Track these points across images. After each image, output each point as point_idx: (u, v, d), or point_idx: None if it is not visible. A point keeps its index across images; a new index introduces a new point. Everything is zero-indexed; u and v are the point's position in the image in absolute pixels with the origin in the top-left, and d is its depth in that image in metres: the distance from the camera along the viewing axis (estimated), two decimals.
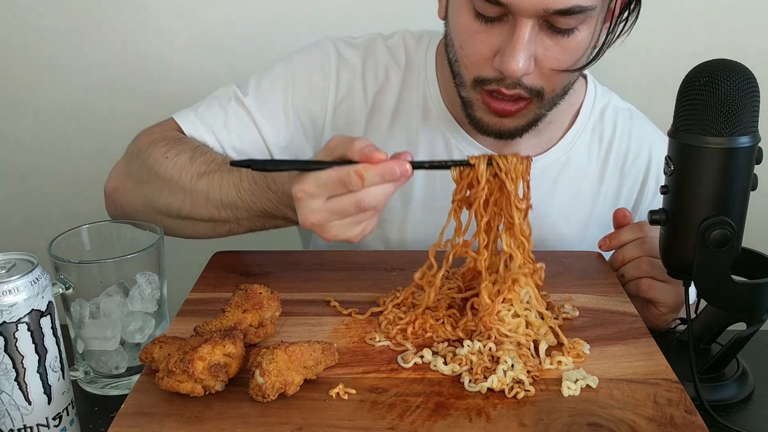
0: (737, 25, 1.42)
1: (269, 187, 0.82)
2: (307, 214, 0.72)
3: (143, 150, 0.92)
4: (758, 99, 0.68)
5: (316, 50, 1.03)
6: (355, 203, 0.70)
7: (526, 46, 0.79)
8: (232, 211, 0.85)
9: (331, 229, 0.73)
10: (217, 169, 0.86)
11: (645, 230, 0.87)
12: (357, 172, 0.69)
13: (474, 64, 0.86)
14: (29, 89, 1.52)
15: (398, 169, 0.70)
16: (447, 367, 0.68)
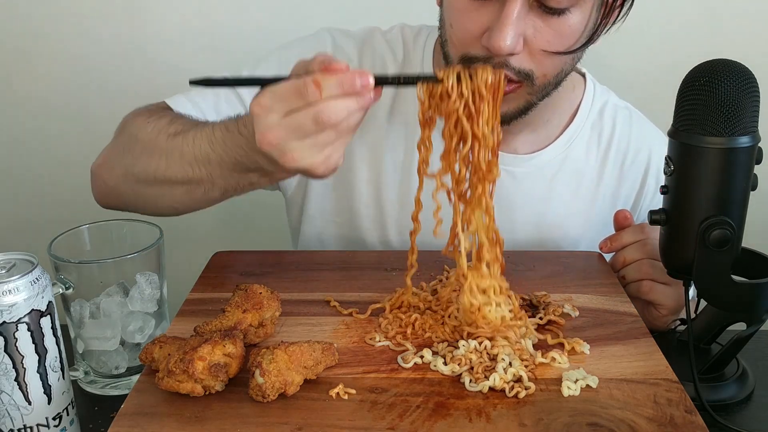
0: (737, 26, 1.42)
1: (240, 131, 0.76)
2: (264, 132, 0.67)
3: (128, 123, 0.91)
4: (758, 99, 0.68)
5: (312, 40, 1.02)
6: (312, 117, 0.65)
7: (515, 22, 0.77)
8: (206, 167, 0.80)
9: (291, 151, 0.67)
10: (193, 127, 0.83)
11: (646, 232, 0.87)
12: (314, 81, 0.65)
13: (462, 41, 0.84)
14: (29, 89, 1.52)
15: (359, 80, 0.65)
16: (447, 367, 0.68)
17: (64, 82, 1.51)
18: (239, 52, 1.45)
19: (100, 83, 1.50)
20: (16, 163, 1.57)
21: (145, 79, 1.49)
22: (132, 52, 1.48)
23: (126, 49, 1.48)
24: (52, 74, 1.50)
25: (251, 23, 1.46)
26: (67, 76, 1.50)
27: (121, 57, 1.48)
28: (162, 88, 1.47)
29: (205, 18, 1.47)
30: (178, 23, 1.47)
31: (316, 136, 0.67)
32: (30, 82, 1.51)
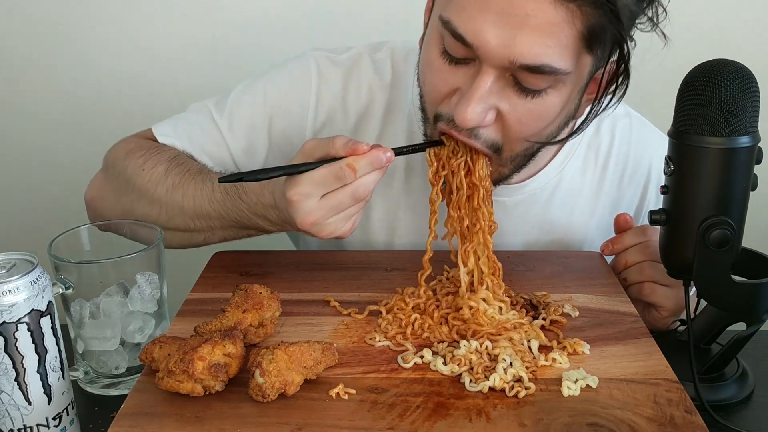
0: (737, 26, 1.42)
1: (240, 198, 0.83)
2: (306, 215, 0.74)
3: (120, 161, 0.93)
4: (758, 99, 0.68)
5: (296, 71, 0.99)
6: (350, 194, 0.74)
7: (484, 96, 0.73)
8: (206, 221, 0.87)
9: (328, 226, 0.75)
10: (192, 179, 0.88)
11: (648, 234, 0.86)
12: (349, 165, 0.72)
13: (432, 100, 0.80)
14: (29, 90, 1.52)
15: (383, 156, 0.74)
16: (446, 367, 0.68)
17: (64, 83, 1.51)
18: (239, 57, 1.46)
19: (100, 84, 1.50)
20: (17, 163, 1.57)
21: (146, 81, 1.50)
22: (132, 56, 1.48)
23: (126, 52, 1.48)
24: (52, 75, 1.50)
25: (251, 28, 1.46)
26: (67, 77, 1.50)
27: (121, 58, 1.48)
28: (161, 92, 1.48)
29: (204, 21, 1.47)
30: (178, 27, 1.47)
31: (349, 209, 0.75)
32: (30, 83, 1.51)
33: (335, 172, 0.73)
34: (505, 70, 0.72)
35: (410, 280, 0.85)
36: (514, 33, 0.68)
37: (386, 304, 0.79)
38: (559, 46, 0.69)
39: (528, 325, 0.75)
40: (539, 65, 0.70)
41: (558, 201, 0.99)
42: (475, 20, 0.70)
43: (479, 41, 0.70)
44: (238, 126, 0.97)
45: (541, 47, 0.69)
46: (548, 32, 0.68)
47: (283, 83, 0.98)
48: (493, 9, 0.68)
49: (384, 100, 0.98)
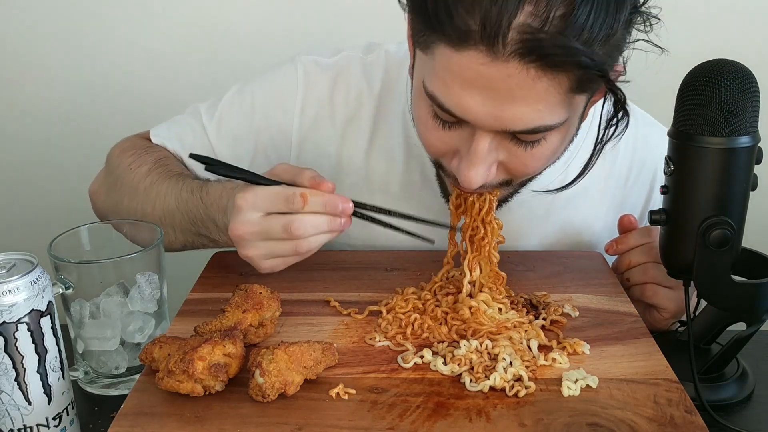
0: (737, 26, 1.42)
1: (201, 198, 0.85)
2: (239, 224, 0.75)
3: (114, 159, 0.97)
4: (758, 99, 0.68)
5: (284, 76, 0.98)
6: (284, 224, 0.74)
7: (485, 158, 0.72)
8: (170, 222, 0.88)
9: (250, 247, 0.76)
10: (168, 179, 0.90)
11: (652, 235, 0.85)
12: (302, 194, 0.74)
13: (432, 154, 0.80)
14: (29, 89, 1.52)
15: (341, 205, 0.74)
16: (446, 367, 0.68)
17: (65, 83, 1.51)
18: (238, 57, 1.46)
19: (100, 84, 1.50)
20: (17, 163, 1.57)
21: (145, 81, 1.50)
22: (132, 56, 1.49)
23: (126, 52, 1.48)
24: (52, 74, 1.50)
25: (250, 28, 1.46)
26: (67, 77, 1.50)
27: (121, 57, 1.48)
28: (162, 92, 1.48)
29: (205, 21, 1.47)
30: (179, 27, 1.47)
31: (277, 243, 0.75)
32: (30, 83, 1.51)
33: (287, 194, 0.74)
34: (500, 132, 0.71)
35: (410, 280, 0.85)
36: (502, 106, 0.67)
37: (386, 304, 0.79)
38: (550, 107, 0.68)
39: (528, 324, 0.75)
40: (533, 128, 0.69)
41: (563, 199, 0.98)
42: (459, 97, 0.68)
43: (468, 116, 0.69)
44: (226, 133, 0.98)
45: (532, 113, 0.68)
46: (536, 99, 0.67)
47: (269, 90, 0.99)
48: (476, 86, 0.67)
49: (373, 105, 0.96)
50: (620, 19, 0.64)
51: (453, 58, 0.66)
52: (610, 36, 0.64)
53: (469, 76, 0.66)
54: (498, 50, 0.63)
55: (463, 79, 0.67)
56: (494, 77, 0.65)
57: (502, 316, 0.76)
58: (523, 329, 0.74)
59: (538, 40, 0.62)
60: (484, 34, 0.63)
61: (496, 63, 0.64)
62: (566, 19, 0.62)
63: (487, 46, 0.64)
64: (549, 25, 0.62)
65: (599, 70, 0.65)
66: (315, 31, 1.43)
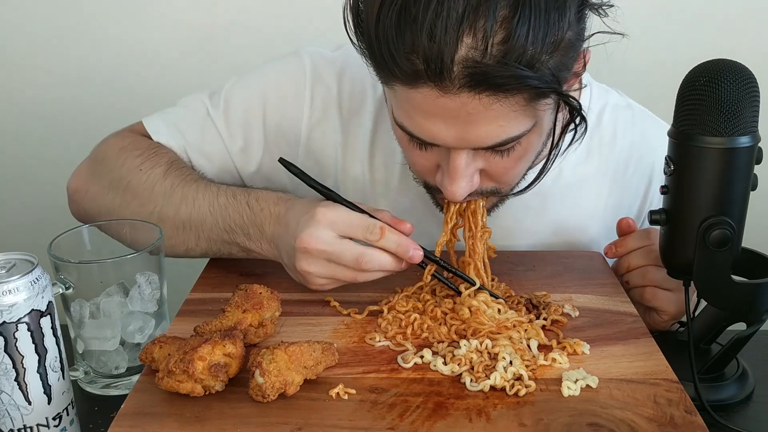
0: (737, 26, 1.42)
1: (248, 203, 0.83)
2: (312, 237, 0.74)
3: (112, 157, 0.92)
4: (758, 99, 0.68)
5: (291, 65, 0.98)
6: (357, 255, 0.74)
7: (464, 171, 0.73)
8: (196, 228, 0.85)
9: (312, 263, 0.75)
10: (194, 183, 0.87)
11: (651, 238, 0.85)
12: (382, 228, 0.74)
13: (418, 173, 0.82)
14: (29, 89, 1.52)
15: (412, 251, 0.75)
16: (447, 367, 0.68)
17: (64, 82, 1.51)
18: (236, 54, 1.45)
19: (100, 83, 1.50)
20: (17, 163, 1.57)
21: (145, 81, 1.50)
22: (132, 55, 1.49)
23: (127, 51, 1.48)
24: (52, 74, 1.50)
25: (248, 25, 1.46)
26: (67, 76, 1.50)
27: (121, 59, 1.48)
28: (162, 91, 1.48)
29: (203, 19, 1.47)
30: (178, 26, 1.47)
31: (341, 268, 0.75)
32: (30, 83, 1.51)
33: (368, 224, 0.75)
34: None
35: (410, 280, 0.85)
36: (465, 129, 0.69)
37: (386, 304, 0.79)
38: (512, 121, 0.69)
39: (528, 323, 0.75)
40: (501, 142, 0.71)
41: (558, 193, 0.97)
42: (424, 126, 0.71)
43: (436, 141, 0.72)
44: (234, 122, 0.96)
45: (496, 130, 0.69)
46: (495, 118, 0.68)
47: (277, 79, 0.98)
48: (437, 115, 0.69)
49: (377, 96, 0.97)
50: (564, 25, 0.64)
51: (410, 93, 0.69)
52: (557, 43, 0.64)
53: (427, 108, 0.68)
54: (446, 85, 0.65)
55: (423, 111, 0.69)
56: (450, 107, 0.67)
57: (502, 316, 0.76)
58: (523, 329, 0.74)
59: (482, 72, 0.63)
60: (430, 72, 0.64)
61: (449, 95, 0.66)
62: (506, 43, 0.62)
63: (435, 83, 0.65)
64: (489, 54, 0.63)
65: (549, 87, 0.66)
66: (315, 29, 1.43)
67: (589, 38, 0.72)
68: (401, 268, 0.77)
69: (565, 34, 0.65)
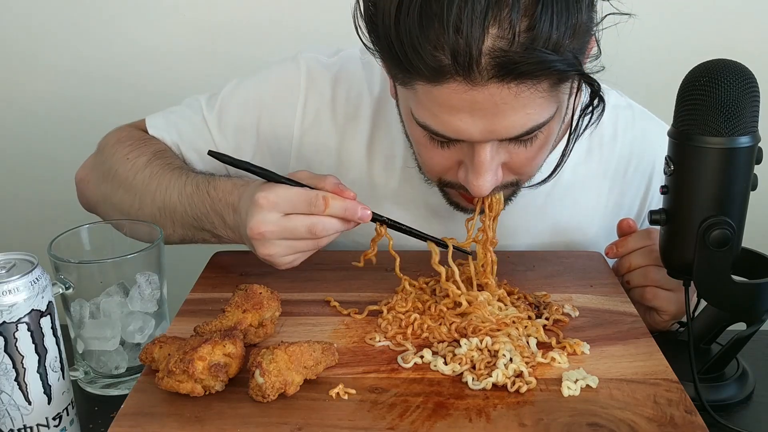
0: (737, 25, 1.42)
1: (208, 193, 0.84)
2: (260, 223, 0.75)
3: (108, 148, 0.96)
4: (758, 99, 0.68)
5: (286, 71, 0.98)
6: (309, 225, 0.75)
7: (489, 165, 0.73)
8: (170, 215, 0.88)
9: (271, 245, 0.76)
10: (170, 172, 0.89)
11: (652, 238, 0.85)
12: (324, 197, 0.74)
13: (435, 173, 0.81)
14: (29, 88, 1.52)
15: (360, 211, 0.76)
16: (447, 366, 0.68)
17: (64, 82, 1.51)
18: (239, 53, 1.46)
19: (100, 83, 1.50)
20: (17, 162, 1.57)
21: (146, 80, 1.50)
22: (134, 54, 1.48)
23: (127, 50, 1.48)
24: (52, 73, 1.50)
25: (250, 23, 1.46)
26: (68, 76, 1.50)
27: (122, 58, 1.48)
28: (163, 90, 1.48)
29: (208, 17, 1.47)
30: (178, 26, 1.47)
31: (299, 241, 0.76)
32: (30, 82, 1.51)
33: (309, 196, 0.75)
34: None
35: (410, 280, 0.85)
36: (492, 121, 0.69)
37: (386, 304, 0.79)
38: (537, 108, 0.69)
39: (527, 321, 0.75)
40: (527, 131, 0.71)
41: (560, 191, 0.98)
42: (449, 123, 0.70)
43: (462, 136, 0.71)
44: (227, 125, 0.98)
45: (522, 119, 0.70)
46: (523, 107, 0.68)
47: (272, 84, 0.99)
48: (463, 110, 0.69)
49: (373, 103, 0.97)
50: (581, 8, 0.66)
51: (433, 91, 0.68)
52: (577, 26, 0.65)
53: (453, 103, 0.68)
54: (475, 77, 0.65)
55: (449, 107, 0.69)
56: (478, 100, 0.67)
57: (502, 313, 0.76)
58: (522, 325, 0.74)
59: (511, 61, 0.64)
60: (458, 66, 0.65)
61: (476, 88, 0.66)
62: (531, 31, 0.63)
63: (463, 77, 0.65)
64: (516, 42, 0.63)
65: (574, 69, 0.67)
66: (315, 28, 1.43)
67: (602, 20, 0.72)
68: (353, 226, 0.78)
69: (582, 18, 0.66)
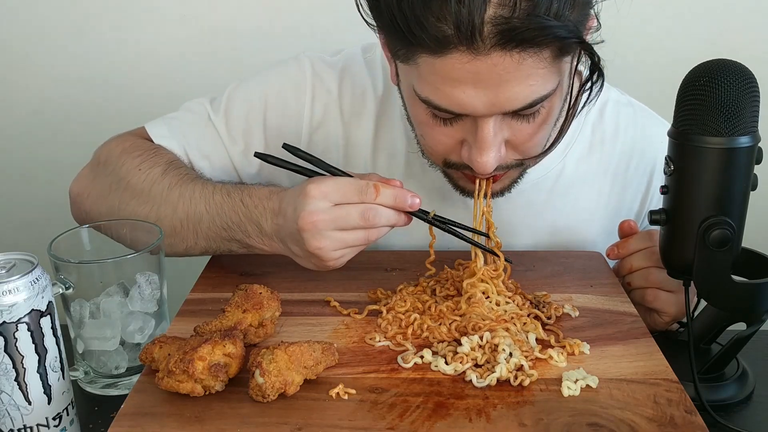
0: (737, 25, 1.42)
1: (242, 200, 0.83)
2: (311, 213, 0.74)
3: (113, 159, 0.92)
4: (758, 99, 0.68)
5: (291, 69, 0.98)
6: (361, 212, 0.74)
7: (493, 140, 0.73)
8: (194, 226, 0.85)
9: (321, 238, 0.75)
10: (191, 181, 0.87)
11: (653, 239, 0.85)
12: (375, 185, 0.75)
13: (439, 153, 0.81)
14: (29, 89, 1.52)
15: (410, 199, 0.76)
16: (449, 366, 0.68)
17: (64, 83, 1.50)
18: (239, 56, 1.45)
19: (101, 83, 1.50)
20: (17, 163, 1.57)
21: (147, 80, 1.49)
22: (134, 55, 1.48)
23: (128, 51, 1.48)
24: (53, 74, 1.50)
25: (251, 26, 1.46)
26: (67, 76, 1.50)
27: (122, 59, 1.48)
28: (163, 91, 1.48)
29: (207, 21, 1.47)
30: (178, 28, 1.47)
31: (350, 233, 0.76)
32: (30, 83, 1.51)
33: (360, 185, 0.75)
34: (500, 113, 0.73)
35: (410, 280, 0.85)
36: (496, 92, 0.69)
37: (386, 304, 0.79)
38: (540, 78, 0.69)
39: (526, 317, 0.75)
40: (531, 102, 0.71)
41: (562, 188, 0.98)
42: (452, 96, 0.70)
43: (466, 110, 0.71)
44: (235, 127, 0.97)
45: (525, 90, 0.70)
46: (526, 77, 0.68)
47: (278, 82, 0.98)
48: (466, 82, 0.69)
49: (377, 100, 0.97)
50: None
51: (436, 63, 0.68)
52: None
53: (456, 75, 0.68)
54: (478, 47, 0.65)
55: (452, 79, 0.69)
56: (481, 70, 0.67)
57: (500, 308, 0.76)
58: (521, 321, 0.74)
59: (513, 27, 0.64)
60: (461, 35, 0.65)
61: (480, 58, 0.66)
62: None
63: (466, 46, 0.66)
64: (518, 9, 0.64)
65: (576, 37, 0.67)
66: (315, 30, 1.43)
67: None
68: (405, 223, 0.78)
69: None
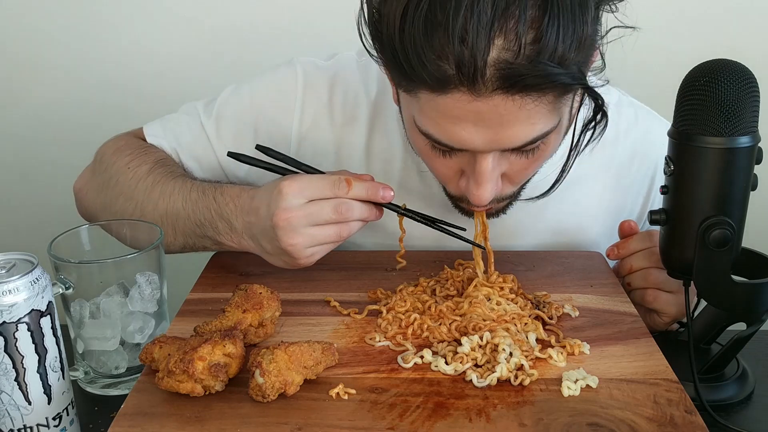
0: (737, 26, 1.42)
1: (215, 198, 0.84)
2: (285, 210, 0.75)
3: (107, 157, 0.96)
4: (758, 99, 0.68)
5: (282, 76, 0.98)
6: (334, 206, 0.75)
7: (491, 174, 0.74)
8: (172, 223, 0.87)
9: (296, 234, 0.76)
10: (173, 180, 0.89)
11: (654, 240, 0.85)
12: (346, 179, 0.76)
13: (440, 180, 0.82)
14: (29, 89, 1.52)
15: (382, 191, 0.77)
16: (449, 366, 0.68)
17: (64, 83, 1.51)
18: (239, 57, 1.46)
19: (101, 83, 1.50)
20: (17, 163, 1.57)
21: (147, 80, 1.49)
22: (134, 56, 1.48)
23: (128, 52, 1.48)
24: (53, 74, 1.50)
25: (251, 27, 1.46)
26: (67, 76, 1.50)
27: (122, 57, 1.48)
28: (162, 93, 1.48)
29: (210, 21, 1.47)
30: (178, 29, 1.47)
31: (323, 228, 0.76)
32: (31, 83, 1.51)
33: (332, 180, 0.76)
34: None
35: (410, 280, 0.85)
36: (496, 131, 0.69)
37: (386, 304, 0.79)
38: (542, 118, 0.69)
39: (527, 317, 0.75)
40: (530, 141, 0.71)
41: (561, 191, 0.95)
42: (452, 132, 0.70)
43: (465, 146, 0.71)
44: (225, 132, 0.98)
45: (526, 129, 0.69)
46: (527, 118, 0.68)
47: (268, 89, 0.99)
48: (467, 119, 0.68)
49: (370, 105, 0.97)
50: (587, 21, 0.65)
51: (438, 100, 0.68)
52: (582, 39, 0.65)
53: (457, 113, 0.68)
54: (479, 88, 0.65)
55: (453, 116, 0.69)
56: (482, 111, 0.67)
57: (501, 308, 0.76)
58: (522, 322, 0.74)
59: (516, 72, 0.63)
60: (462, 76, 0.64)
61: (481, 99, 0.66)
62: (537, 43, 0.62)
63: (467, 87, 0.65)
64: (522, 54, 0.63)
65: (578, 83, 0.66)
66: (316, 33, 1.43)
67: (607, 33, 0.72)
68: (377, 216, 0.78)
69: (588, 31, 0.65)
